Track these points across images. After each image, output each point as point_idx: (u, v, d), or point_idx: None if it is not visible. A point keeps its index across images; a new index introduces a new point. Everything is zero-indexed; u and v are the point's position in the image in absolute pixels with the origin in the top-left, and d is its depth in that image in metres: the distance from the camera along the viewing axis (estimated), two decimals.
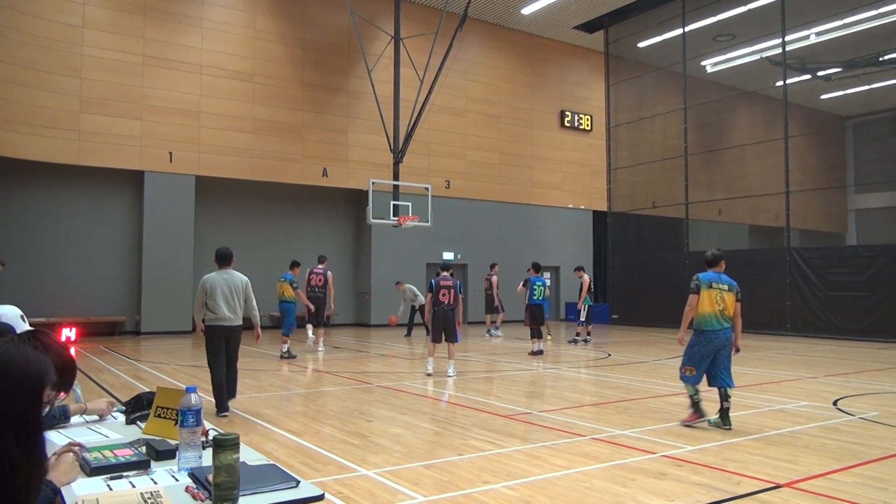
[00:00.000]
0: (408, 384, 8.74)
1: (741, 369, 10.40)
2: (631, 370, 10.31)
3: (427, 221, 16.87)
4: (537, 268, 13.04)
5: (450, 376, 9.29)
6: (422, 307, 15.52)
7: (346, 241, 20.88)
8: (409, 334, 16.85)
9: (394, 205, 16.59)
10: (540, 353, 12.16)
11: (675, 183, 21.12)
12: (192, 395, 2.24)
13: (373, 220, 16.13)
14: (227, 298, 6.84)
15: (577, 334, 14.79)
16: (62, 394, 1.97)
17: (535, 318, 12.51)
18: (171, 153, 17.07)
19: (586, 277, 14.88)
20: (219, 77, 17.81)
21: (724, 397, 6.05)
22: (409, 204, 16.68)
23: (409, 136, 17.37)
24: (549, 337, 14.88)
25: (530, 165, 23.41)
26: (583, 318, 14.80)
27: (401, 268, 20.13)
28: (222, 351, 6.85)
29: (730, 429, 5.94)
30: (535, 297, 12.45)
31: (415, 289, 16.63)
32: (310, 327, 13.76)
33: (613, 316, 21.84)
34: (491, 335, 15.28)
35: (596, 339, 15.78)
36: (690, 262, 20.12)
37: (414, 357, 12.46)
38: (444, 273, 9.59)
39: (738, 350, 6.16)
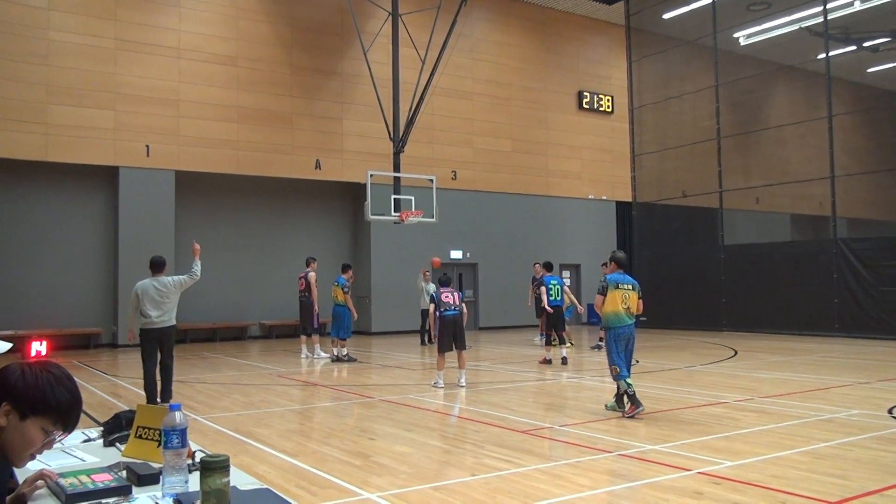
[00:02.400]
0: (413, 397, 8.74)
1: (783, 375, 10.36)
2: (661, 378, 10.29)
3: (432, 217, 16.87)
4: (549, 267, 13.02)
5: (460, 386, 9.30)
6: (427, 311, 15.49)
7: (342, 239, 20.93)
8: (425, 342, 16.81)
9: (394, 199, 16.61)
10: (550, 362, 12.11)
11: (707, 169, 21.05)
12: (177, 414, 2.25)
13: (372, 217, 16.15)
14: (156, 302, 8.10)
15: (601, 339, 14.75)
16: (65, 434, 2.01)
17: (554, 323, 12.48)
18: (147, 146, 17.15)
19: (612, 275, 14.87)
20: (199, 61, 17.88)
21: (626, 385, 7.15)
22: (412, 198, 16.69)
23: (410, 123, 17.38)
24: (570, 343, 14.86)
25: (545, 153, 23.38)
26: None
27: (403, 268, 20.17)
28: (156, 352, 8.19)
29: (626, 412, 7.05)
30: (552, 298, 12.44)
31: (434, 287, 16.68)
32: (301, 338, 13.85)
33: (641, 318, 21.75)
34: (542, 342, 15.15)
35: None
36: (726, 257, 20.05)
37: (420, 367, 12.45)
38: (446, 288, 9.63)
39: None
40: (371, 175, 16.23)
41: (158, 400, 8.08)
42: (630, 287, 7.41)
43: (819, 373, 10.70)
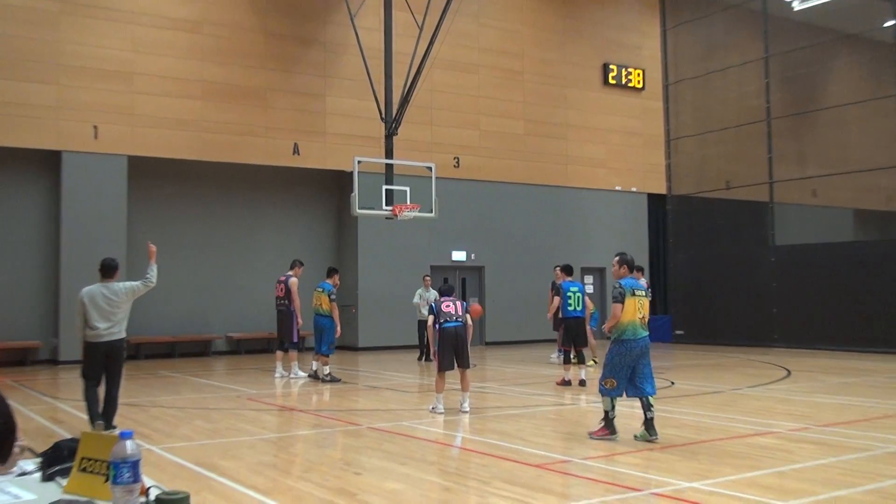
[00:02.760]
0: (408, 425, 8.74)
1: (846, 400, 10.34)
2: (701, 403, 10.28)
3: (431, 212, 16.87)
4: (569, 271, 12.99)
5: (463, 412, 9.30)
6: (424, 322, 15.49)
7: (324, 238, 20.95)
8: (423, 358, 16.82)
9: (387, 190, 16.62)
10: (570, 383, 12.10)
11: (756, 156, 21.05)
12: (128, 443, 2.24)
13: (359, 211, 16.15)
14: (105, 313, 8.06)
15: None
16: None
17: (574, 337, 12.45)
18: (95, 127, 17.17)
19: (643, 281, 14.84)
20: (156, 27, 17.90)
21: (647, 407, 7.44)
22: (407, 189, 16.70)
23: (405, 101, 17.38)
24: (593, 361, 14.84)
25: (564, 136, 23.40)
26: None
27: (396, 273, 20.19)
28: (101, 371, 8.14)
29: (657, 439, 7.27)
30: (571, 308, 12.41)
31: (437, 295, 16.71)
32: (277, 354, 13.86)
33: (677, 332, 21.83)
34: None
35: (655, 363, 15.66)
36: (778, 260, 20.05)
37: (415, 389, 12.44)
38: (447, 297, 9.63)
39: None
40: (359, 162, 16.23)
41: (104, 423, 8.00)
42: (643, 293, 7.68)
43: (888, 397, 10.69)
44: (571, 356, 12.44)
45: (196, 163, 18.50)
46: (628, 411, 8.93)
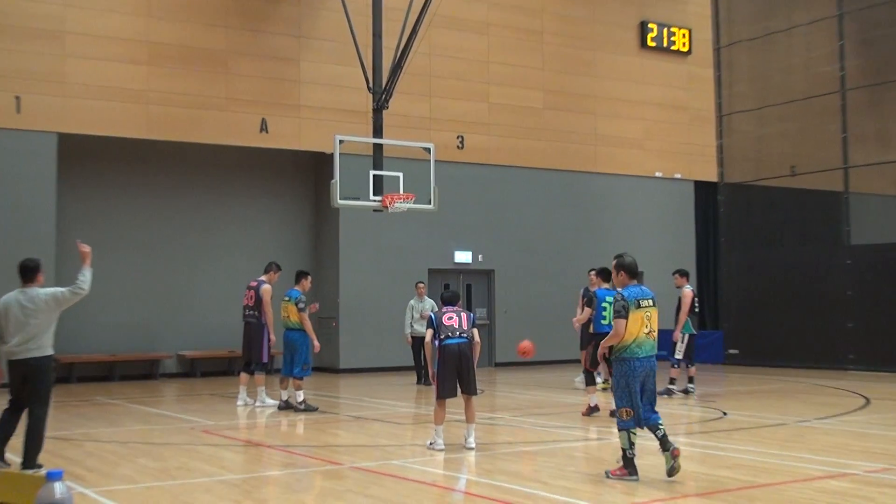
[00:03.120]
0: (400, 464, 8.73)
1: None
2: (760, 438, 10.26)
3: (429, 203, 16.86)
4: (606, 276, 12.90)
5: (468, 449, 9.28)
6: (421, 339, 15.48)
7: (298, 235, 20.95)
8: (421, 381, 16.83)
9: (375, 177, 16.60)
10: (597, 409, 12.13)
11: (827, 136, 21.03)
12: (57, 486, 2.23)
13: (341, 202, 16.14)
14: (20, 324, 8.04)
15: (672, 381, 14.77)
16: None
17: (605, 356, 12.42)
18: (17, 98, 17.18)
19: (688, 290, 14.85)
20: None
21: (655, 429, 7.67)
22: (400, 175, 16.70)
23: (397, 67, 17.36)
24: None
25: (593, 110, 23.39)
26: (680, 355, 14.78)
27: (386, 278, 20.22)
28: (20, 395, 8.16)
29: (675, 448, 7.52)
30: (605, 321, 12.39)
31: (434, 305, 16.72)
32: (242, 377, 13.85)
33: (730, 351, 21.82)
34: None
35: (703, 388, 15.75)
36: (854, 263, 20.01)
37: (409, 420, 12.42)
38: (451, 307, 9.59)
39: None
40: (341, 141, 16.21)
41: (26, 461, 7.95)
42: (651, 303, 7.87)
43: None
44: (599, 378, 12.45)
45: (142, 142, 18.50)
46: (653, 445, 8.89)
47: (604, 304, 12.40)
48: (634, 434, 7.64)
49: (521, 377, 18.88)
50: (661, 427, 7.66)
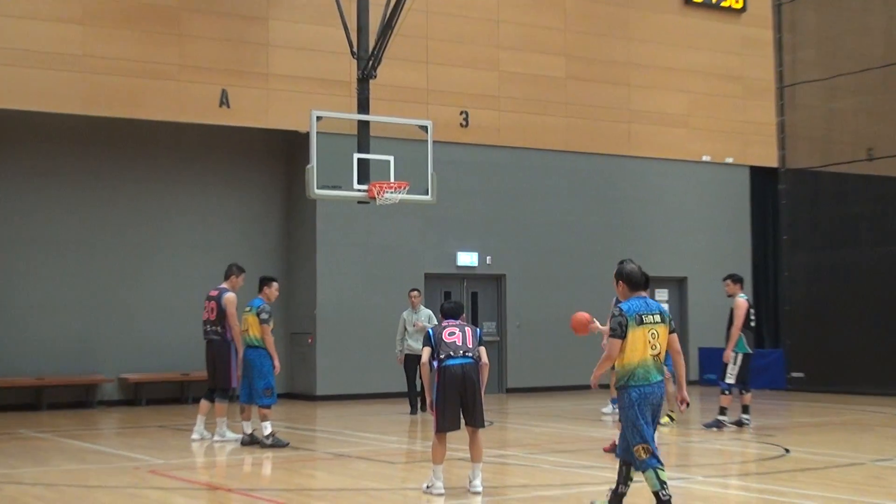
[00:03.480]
0: None
1: None
2: (830, 480, 10.26)
3: (426, 193, 16.83)
4: (641, 282, 12.87)
5: (474, 492, 9.28)
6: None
7: (266, 232, 20.96)
8: (418, 409, 16.87)
9: (360, 161, 16.58)
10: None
11: None
12: None
13: (319, 192, 16.12)
14: None
15: (723, 411, 14.76)
16: None
17: None
18: None
19: (742, 299, 14.82)
20: None
21: (625, 479, 7.83)
22: (391, 158, 16.67)
23: (388, 28, 17.34)
24: (668, 417, 14.87)
25: (626, 80, 23.40)
26: (731, 380, 14.76)
27: (373, 284, 20.22)
28: None
29: None
30: None
31: (431, 316, 16.70)
32: (202, 405, 13.84)
33: (794, 374, 21.80)
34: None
35: (760, 419, 15.74)
36: None
37: (401, 458, 12.42)
38: (452, 321, 9.60)
39: (686, 403, 8.02)
40: (319, 118, 16.20)
41: None
42: (659, 319, 7.85)
43: None
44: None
45: (77, 119, 18.50)
46: (721, 493, 8.90)
47: None
48: (662, 471, 7.61)
49: (538, 406, 18.88)
50: (629, 484, 7.87)
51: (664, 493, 7.54)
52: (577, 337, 20.12)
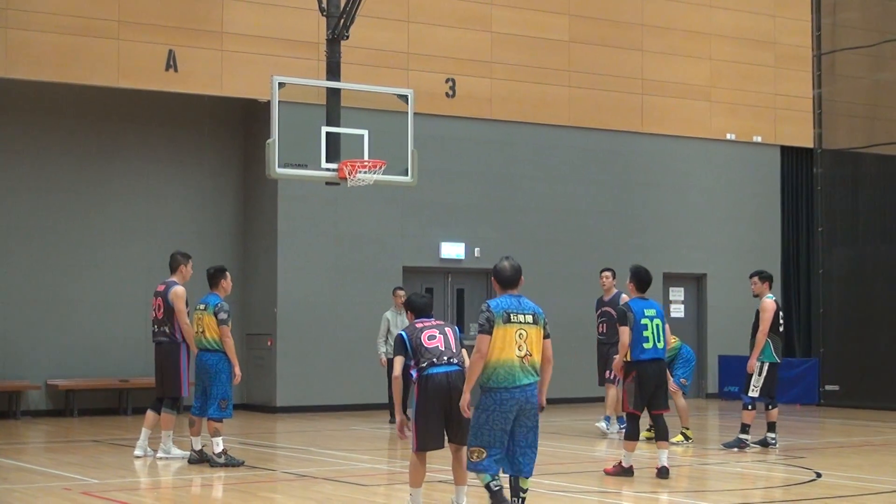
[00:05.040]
0: None
1: None
2: None
3: (406, 174, 16.87)
4: (643, 281, 12.98)
5: None
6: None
7: (219, 217, 20.98)
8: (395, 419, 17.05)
9: (329, 135, 16.60)
10: (632, 472, 12.10)
11: None
12: None
13: (281, 171, 16.13)
14: None
15: (745, 428, 14.85)
16: None
17: (651, 391, 12.51)
18: None
19: (770, 300, 14.89)
20: None
21: (515, 492, 8.42)
22: (365, 133, 16.68)
23: None
24: (683, 435, 15.02)
25: (639, 44, 23.46)
26: (755, 392, 14.84)
27: (344, 279, 20.28)
28: None
29: None
30: (648, 345, 12.49)
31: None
32: (148, 416, 13.86)
33: (828, 387, 21.89)
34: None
35: (788, 439, 15.82)
36: None
37: (376, 479, 12.50)
38: (426, 320, 9.59)
39: (541, 408, 8.58)
40: (281, 85, 16.23)
41: None
42: (531, 319, 8.69)
43: None
44: (642, 425, 12.51)
45: None
46: None
47: (643, 321, 12.45)
48: (496, 477, 8.36)
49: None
50: (522, 496, 8.56)
51: (495, 483, 8.32)
52: (579, 340, 20.45)
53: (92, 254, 19.70)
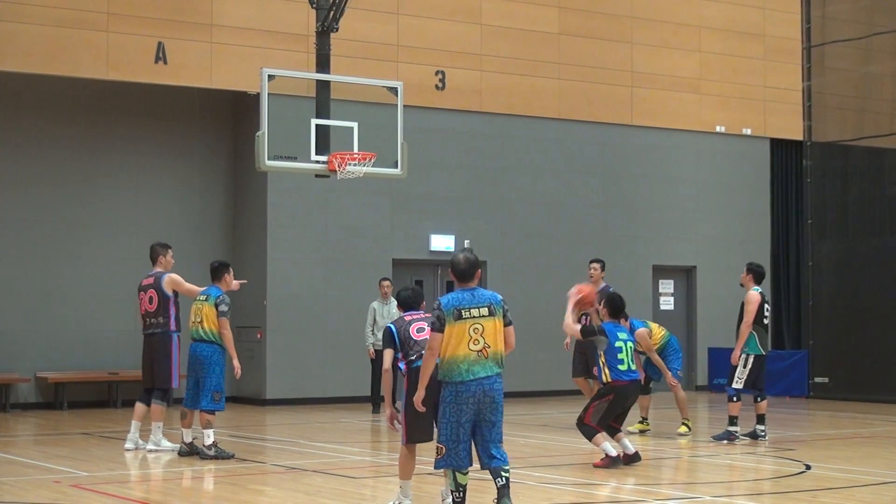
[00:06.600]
0: None
1: None
2: (856, 502, 10.34)
3: (395, 166, 16.87)
4: (616, 306, 13.16)
5: None
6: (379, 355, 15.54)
7: (208, 210, 20.97)
8: (378, 409, 17.06)
9: (318, 127, 16.58)
10: (618, 459, 12.19)
11: None
12: None
13: (270, 164, 16.12)
14: None
15: (733, 420, 14.90)
16: None
17: (621, 411, 12.77)
18: None
19: (755, 292, 14.94)
20: None
21: (496, 473, 8.33)
22: (354, 125, 16.67)
23: None
24: (686, 423, 15.14)
25: (628, 37, 23.45)
26: (740, 385, 14.87)
27: (332, 271, 20.29)
28: None
29: None
30: (623, 367, 12.59)
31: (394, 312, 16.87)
32: (137, 408, 13.85)
33: (818, 379, 21.94)
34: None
35: (777, 431, 15.84)
36: None
37: (365, 471, 12.54)
38: (414, 313, 9.59)
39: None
40: (271, 77, 16.22)
41: None
42: (486, 311, 8.64)
43: None
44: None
45: None
46: None
47: (618, 344, 12.60)
48: (463, 474, 8.42)
49: (523, 414, 18.96)
50: (504, 475, 8.38)
51: (458, 494, 8.36)
52: (554, 320, 20.40)
53: (81, 247, 19.68)
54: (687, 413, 15.41)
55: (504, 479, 8.25)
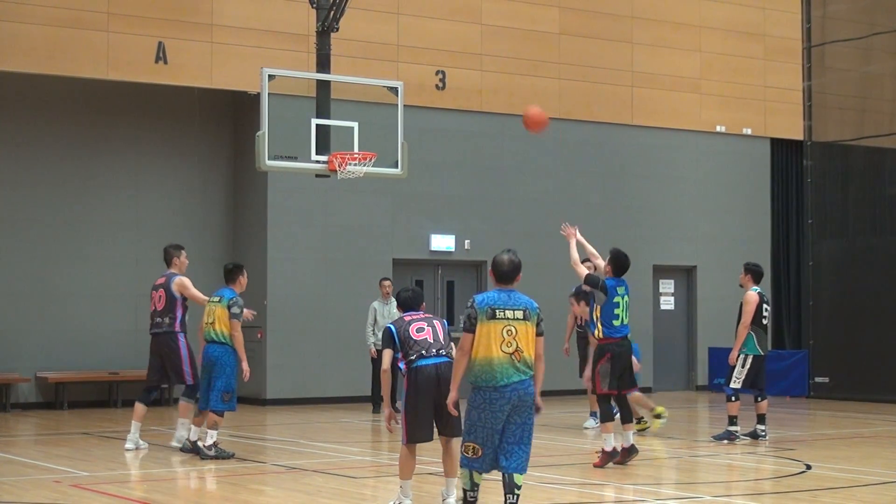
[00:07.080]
0: None
1: None
2: (857, 502, 10.34)
3: (395, 166, 16.86)
4: (621, 266, 13.13)
5: None
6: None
7: (209, 209, 20.96)
8: (378, 409, 17.08)
9: (319, 127, 16.58)
10: (615, 454, 12.21)
11: None
12: None
13: (271, 163, 16.12)
14: None
15: (732, 420, 14.89)
16: None
17: (620, 372, 12.73)
18: None
19: (753, 293, 14.95)
20: None
21: (509, 489, 8.16)
22: (355, 125, 16.67)
23: None
24: (658, 419, 15.11)
25: (628, 37, 23.45)
26: (738, 384, 14.86)
27: (333, 271, 20.29)
28: None
29: None
30: (618, 322, 12.59)
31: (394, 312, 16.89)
32: (137, 408, 13.82)
33: (818, 379, 21.93)
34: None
35: (778, 431, 15.84)
36: None
37: (366, 471, 12.56)
38: (413, 313, 9.59)
39: (538, 409, 8.34)
40: (271, 77, 16.21)
41: None
42: (521, 315, 8.41)
43: None
44: (613, 407, 12.55)
45: None
46: None
47: (616, 299, 12.61)
48: (479, 474, 8.34)
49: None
50: (516, 493, 8.24)
51: (472, 494, 8.30)
52: (554, 322, 20.46)
53: (81, 246, 19.66)
54: (650, 404, 15.36)
55: (515, 495, 8.15)
